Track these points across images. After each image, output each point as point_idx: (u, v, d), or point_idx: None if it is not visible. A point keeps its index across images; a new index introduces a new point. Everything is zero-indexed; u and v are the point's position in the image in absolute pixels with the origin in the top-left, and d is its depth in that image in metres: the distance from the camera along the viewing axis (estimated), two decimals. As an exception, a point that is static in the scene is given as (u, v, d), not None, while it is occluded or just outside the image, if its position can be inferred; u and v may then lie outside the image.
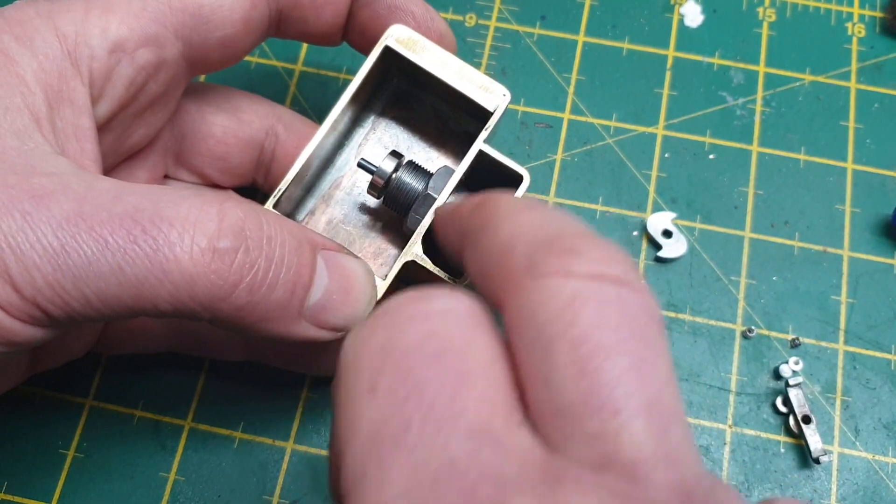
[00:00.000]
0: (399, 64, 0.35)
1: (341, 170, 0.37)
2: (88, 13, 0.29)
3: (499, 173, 0.34)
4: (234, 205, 0.27)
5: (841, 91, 0.46)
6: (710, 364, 0.40)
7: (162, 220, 0.25)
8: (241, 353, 0.37)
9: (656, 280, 0.42)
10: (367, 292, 0.30)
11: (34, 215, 0.24)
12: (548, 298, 0.20)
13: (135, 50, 0.30)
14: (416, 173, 0.34)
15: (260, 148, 0.37)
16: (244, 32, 0.33)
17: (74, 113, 0.29)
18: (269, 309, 0.27)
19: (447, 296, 0.21)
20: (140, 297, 0.25)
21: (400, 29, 0.34)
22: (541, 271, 0.20)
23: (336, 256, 0.30)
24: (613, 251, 0.21)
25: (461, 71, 0.34)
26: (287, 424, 0.39)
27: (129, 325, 0.36)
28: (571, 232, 0.22)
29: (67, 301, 0.25)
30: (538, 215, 0.23)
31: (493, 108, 0.33)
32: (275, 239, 0.27)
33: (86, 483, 0.38)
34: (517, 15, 0.48)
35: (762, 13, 0.48)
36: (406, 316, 0.21)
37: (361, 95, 0.36)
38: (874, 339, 0.41)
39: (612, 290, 0.20)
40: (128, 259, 0.24)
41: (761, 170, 0.44)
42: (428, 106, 0.38)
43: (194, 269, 0.25)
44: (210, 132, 0.36)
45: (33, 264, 0.24)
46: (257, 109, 0.37)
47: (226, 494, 0.38)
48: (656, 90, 0.46)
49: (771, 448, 0.39)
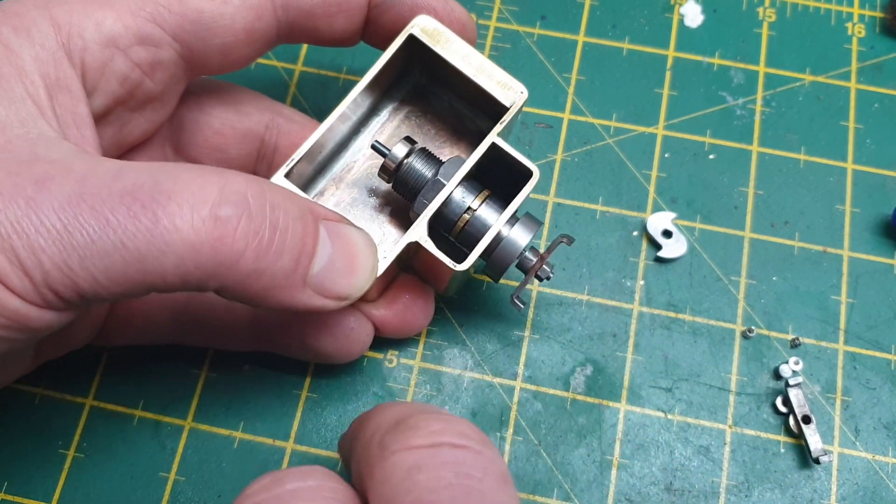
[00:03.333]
0: (421, 56, 0.35)
1: (355, 155, 0.38)
2: (86, 7, 0.29)
3: (509, 168, 0.34)
4: (234, 174, 0.27)
5: (841, 91, 0.46)
6: (710, 364, 0.40)
7: (161, 192, 0.25)
8: (246, 340, 0.37)
9: (656, 280, 0.42)
10: (369, 262, 0.31)
11: (37, 199, 0.24)
12: (391, 473, 0.23)
13: (129, 47, 0.30)
14: (427, 160, 0.34)
15: (260, 140, 0.37)
16: (246, 42, 0.33)
17: (72, 101, 0.29)
18: (274, 276, 0.27)
19: (298, 476, 0.24)
20: (146, 272, 0.25)
21: (425, 19, 0.34)
22: (388, 450, 0.23)
23: (338, 226, 0.30)
24: (453, 421, 0.24)
25: (481, 66, 0.34)
26: (287, 424, 0.39)
27: (133, 315, 0.36)
28: (417, 410, 0.25)
29: (76, 281, 0.25)
30: (397, 407, 0.26)
31: (510, 104, 0.34)
32: (278, 206, 0.27)
33: (86, 483, 0.38)
34: (517, 15, 0.48)
35: (762, 13, 0.48)
36: (259, 503, 0.23)
37: (381, 83, 0.36)
38: (874, 339, 0.41)
39: (449, 455, 0.23)
40: (129, 234, 0.25)
41: (761, 170, 0.44)
42: (446, 102, 0.38)
43: (197, 237, 0.25)
44: (207, 123, 0.36)
45: (40, 247, 0.24)
46: (257, 103, 0.38)
47: (226, 494, 0.38)
48: (656, 90, 0.46)
49: (771, 448, 0.39)
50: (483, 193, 0.34)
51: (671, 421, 0.39)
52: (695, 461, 0.39)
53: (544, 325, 0.41)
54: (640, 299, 0.42)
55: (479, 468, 0.23)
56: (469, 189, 0.34)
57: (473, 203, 0.34)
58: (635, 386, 0.40)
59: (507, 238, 0.34)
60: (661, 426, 0.39)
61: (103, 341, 0.37)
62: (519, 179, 0.34)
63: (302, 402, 0.40)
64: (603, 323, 0.41)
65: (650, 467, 0.38)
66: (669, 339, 0.41)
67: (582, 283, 0.42)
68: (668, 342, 0.41)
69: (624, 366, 0.40)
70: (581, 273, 0.42)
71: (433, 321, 0.41)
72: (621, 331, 0.41)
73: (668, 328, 0.41)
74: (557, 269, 0.42)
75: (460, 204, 0.34)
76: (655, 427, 0.39)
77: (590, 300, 0.42)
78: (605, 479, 0.38)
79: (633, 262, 0.42)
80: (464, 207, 0.34)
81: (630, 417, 0.39)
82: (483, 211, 0.34)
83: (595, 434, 0.39)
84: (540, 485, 0.38)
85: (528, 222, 0.35)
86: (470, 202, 0.34)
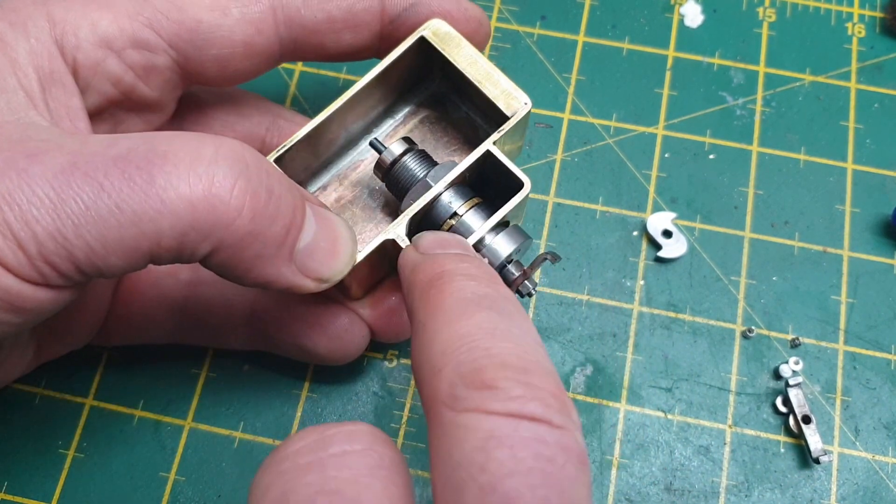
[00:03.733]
0: (441, 63, 0.35)
1: (363, 154, 0.37)
2: (84, 7, 0.30)
3: (504, 178, 0.34)
4: (231, 139, 0.27)
5: (841, 91, 0.46)
6: (710, 364, 0.40)
7: (156, 154, 0.25)
8: (244, 339, 0.37)
9: (656, 280, 0.42)
10: (349, 248, 0.31)
11: (29, 171, 0.24)
12: (463, 437, 0.21)
13: (123, 49, 0.30)
14: (421, 161, 0.34)
15: (261, 142, 0.37)
16: (244, 55, 0.32)
17: (66, 94, 0.29)
18: (265, 243, 0.27)
19: (345, 438, 0.22)
20: (142, 235, 0.25)
21: (438, 23, 0.34)
22: (460, 405, 0.21)
23: (322, 210, 0.30)
24: (536, 384, 0.22)
25: (488, 73, 0.34)
26: (287, 424, 0.39)
27: (133, 315, 0.36)
28: (497, 362, 0.22)
29: (71, 251, 0.24)
30: (475, 328, 0.24)
31: (511, 114, 0.33)
32: (272, 175, 0.27)
33: (86, 483, 0.38)
34: (517, 15, 0.48)
35: (762, 13, 0.48)
36: (302, 466, 0.22)
37: (398, 85, 0.36)
38: (874, 339, 0.41)
39: (529, 430, 0.21)
40: (124, 196, 0.24)
41: (761, 170, 0.44)
42: (463, 112, 0.38)
43: (193, 194, 0.25)
44: (208, 125, 0.37)
45: (33, 218, 0.24)
46: (258, 106, 0.38)
47: (226, 494, 0.38)
48: (656, 90, 0.46)
49: (771, 448, 0.39)
50: (472, 200, 0.34)
51: (671, 421, 0.39)
52: (695, 461, 0.39)
53: (544, 325, 0.41)
54: (640, 299, 0.42)
55: (561, 452, 0.21)
56: (459, 194, 0.34)
57: (460, 209, 0.33)
58: (635, 386, 0.40)
59: (488, 246, 0.33)
60: (661, 426, 0.39)
61: (103, 341, 0.37)
62: (512, 190, 0.33)
63: (302, 402, 0.40)
64: (603, 323, 0.41)
65: (650, 467, 0.38)
66: (669, 339, 0.41)
67: (582, 283, 0.42)
68: (668, 342, 0.41)
69: (624, 366, 0.40)
70: (581, 273, 0.42)
71: (433, 321, 0.41)
72: (621, 331, 0.41)
73: (668, 328, 0.41)
74: (557, 268, 0.42)
75: (447, 208, 0.33)
76: (655, 427, 0.39)
77: (590, 300, 0.42)
78: (605, 478, 0.38)
79: (633, 262, 0.42)
80: (450, 212, 0.33)
81: (630, 417, 0.39)
82: (469, 217, 0.33)
83: (595, 434, 0.39)
84: (540, 485, 0.38)
85: (513, 233, 0.34)
86: (457, 207, 0.33)
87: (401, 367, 0.40)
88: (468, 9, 0.35)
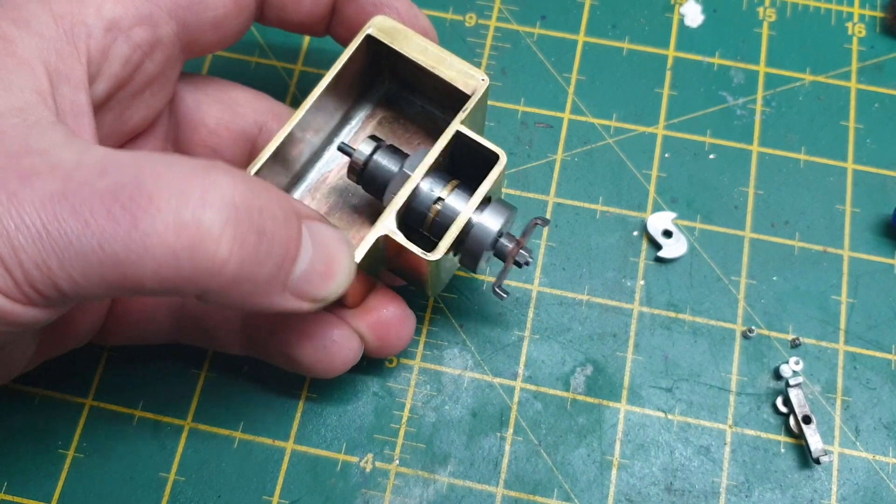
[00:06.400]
0: (389, 62, 0.35)
1: (329, 164, 0.37)
2: None
3: (478, 156, 0.34)
4: (222, 173, 0.26)
5: (841, 91, 0.46)
6: (710, 364, 0.40)
7: (142, 194, 0.24)
8: (239, 344, 0.37)
9: (656, 280, 0.42)
10: (347, 264, 0.30)
11: (19, 195, 0.24)
12: None
13: (130, 28, 0.31)
14: (393, 155, 0.34)
15: (253, 142, 0.38)
16: (235, 13, 0.34)
17: (72, 90, 0.29)
18: (256, 283, 0.27)
19: None
20: (124, 276, 0.24)
21: (382, 19, 0.35)
22: None
23: (319, 228, 0.30)
24: None
25: (441, 57, 0.35)
26: (287, 424, 0.39)
27: (132, 315, 0.36)
28: None
29: (56, 281, 0.24)
30: None
31: (471, 92, 0.34)
32: (265, 210, 0.26)
33: (86, 483, 0.38)
34: (517, 15, 0.48)
35: (762, 13, 0.48)
36: None
37: (350, 91, 0.36)
38: (874, 339, 0.41)
39: None
40: (107, 237, 0.24)
41: (761, 170, 0.44)
42: (418, 106, 0.38)
43: (178, 242, 0.24)
44: (203, 122, 0.37)
45: (20, 245, 0.24)
46: (255, 105, 0.38)
47: (226, 494, 0.38)
48: (656, 90, 0.46)
49: (771, 448, 0.39)
50: (452, 183, 0.34)
51: (671, 421, 0.39)
52: (695, 461, 0.39)
53: (544, 325, 0.41)
54: (641, 299, 0.42)
55: None
56: (437, 180, 0.33)
57: (442, 193, 0.33)
58: (635, 386, 0.40)
59: (477, 224, 0.33)
60: (661, 426, 0.39)
61: (103, 341, 0.37)
62: (488, 166, 0.33)
63: (302, 402, 0.40)
64: (603, 323, 0.41)
65: (650, 467, 0.38)
66: (669, 339, 0.41)
67: (582, 283, 0.42)
68: (669, 342, 0.41)
69: (624, 366, 0.40)
70: (581, 273, 0.42)
71: (433, 321, 0.41)
72: (621, 331, 0.41)
73: (669, 328, 0.41)
74: (557, 268, 0.42)
75: (429, 195, 0.33)
76: (655, 427, 0.39)
77: (590, 300, 0.42)
78: (606, 479, 0.38)
79: (633, 262, 0.42)
80: (433, 198, 0.33)
81: (630, 417, 0.39)
82: (452, 200, 0.33)
83: (595, 434, 0.39)
84: (540, 485, 0.38)
85: (498, 206, 0.34)
86: (439, 192, 0.33)
87: (401, 367, 0.40)
88: (417, 15, 0.36)
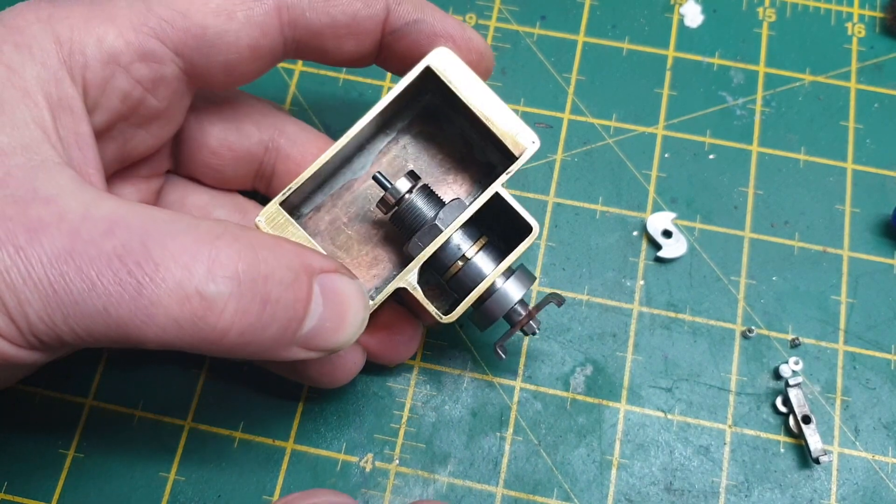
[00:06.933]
0: (437, 81, 0.34)
1: (356, 172, 0.36)
2: (88, 22, 0.29)
3: (510, 217, 0.33)
4: (228, 241, 0.26)
5: (841, 91, 0.46)
6: (710, 364, 0.40)
7: (148, 260, 0.25)
8: None
9: (656, 280, 0.42)
10: (359, 316, 0.30)
11: (27, 250, 0.24)
12: None
13: (130, 63, 0.29)
14: (428, 199, 0.34)
15: (258, 162, 0.37)
16: (250, 59, 0.32)
17: (74, 120, 0.29)
18: (261, 345, 0.27)
19: None
20: (127, 337, 0.25)
21: (444, 52, 0.33)
22: None
23: (333, 280, 0.29)
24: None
25: (498, 109, 0.33)
26: (287, 424, 0.39)
27: None
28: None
29: (59, 334, 0.25)
30: None
31: (519, 154, 0.33)
32: (271, 277, 0.27)
33: (86, 483, 0.38)
34: (517, 15, 0.48)
35: (762, 13, 0.48)
36: None
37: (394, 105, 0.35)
38: (874, 339, 0.41)
39: None
40: (112, 301, 0.25)
41: (761, 170, 0.44)
42: (457, 128, 0.37)
43: (181, 313, 0.25)
44: (205, 142, 0.36)
45: (26, 300, 0.24)
46: (260, 120, 0.36)
47: (226, 494, 0.38)
48: (656, 90, 0.46)
49: (771, 448, 0.39)
50: (480, 241, 0.34)
51: (671, 421, 0.39)
52: (695, 461, 0.39)
53: (544, 325, 0.41)
54: (640, 299, 0.42)
55: None
56: (466, 235, 0.33)
57: (469, 251, 0.33)
58: (635, 386, 0.40)
59: (499, 290, 0.33)
60: (660, 426, 0.39)
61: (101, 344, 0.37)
62: (519, 229, 0.33)
63: (302, 402, 0.40)
64: (603, 323, 0.41)
65: (650, 467, 0.38)
66: (669, 339, 0.41)
67: (582, 283, 0.42)
68: (668, 342, 0.41)
69: (624, 366, 0.40)
70: (581, 273, 0.42)
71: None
72: (621, 331, 0.41)
73: (668, 328, 0.41)
74: (557, 268, 0.42)
75: (455, 251, 0.33)
76: (655, 427, 0.39)
77: (590, 300, 0.42)
78: (605, 478, 0.38)
79: (633, 262, 0.42)
80: (458, 255, 0.33)
81: (630, 417, 0.39)
82: (478, 259, 0.33)
83: (595, 434, 0.39)
84: (540, 485, 0.38)
85: (522, 276, 0.34)
86: (465, 250, 0.33)
87: (401, 367, 0.40)
88: (472, 38, 0.34)
